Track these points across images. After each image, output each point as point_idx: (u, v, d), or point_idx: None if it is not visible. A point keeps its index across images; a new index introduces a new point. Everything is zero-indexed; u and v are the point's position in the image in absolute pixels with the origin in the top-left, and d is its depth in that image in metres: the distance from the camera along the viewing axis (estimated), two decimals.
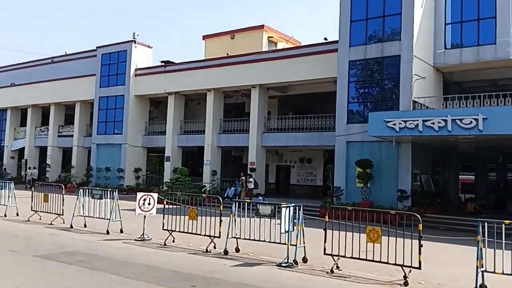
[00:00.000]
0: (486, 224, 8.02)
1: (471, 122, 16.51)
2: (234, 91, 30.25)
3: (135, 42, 33.46)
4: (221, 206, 11.24)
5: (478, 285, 7.73)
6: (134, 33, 33.45)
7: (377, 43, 21.93)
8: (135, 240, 12.40)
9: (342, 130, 22.46)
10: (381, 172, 21.08)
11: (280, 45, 33.26)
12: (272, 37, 33.30)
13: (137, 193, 13.25)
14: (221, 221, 11.03)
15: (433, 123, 17.33)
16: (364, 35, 22.31)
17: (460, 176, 27.65)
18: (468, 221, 17.01)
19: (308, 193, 29.52)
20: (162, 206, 12.36)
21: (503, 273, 7.72)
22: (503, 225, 7.89)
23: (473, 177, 29.91)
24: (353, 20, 22.62)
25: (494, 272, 7.78)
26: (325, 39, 26.71)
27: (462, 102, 19.81)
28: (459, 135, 17.29)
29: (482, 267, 7.86)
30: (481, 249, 7.85)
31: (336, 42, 23.53)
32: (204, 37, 36.32)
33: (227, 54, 30.78)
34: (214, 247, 11.07)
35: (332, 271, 9.05)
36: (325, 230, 9.39)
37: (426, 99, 20.68)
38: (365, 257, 8.95)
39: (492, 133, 16.45)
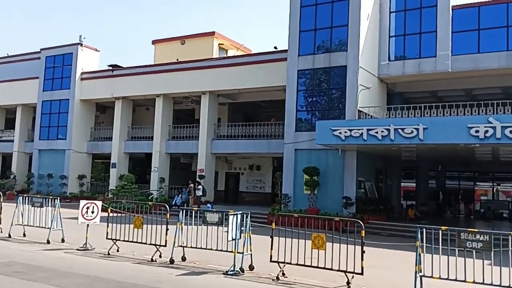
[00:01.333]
0: (424, 230, 8.36)
1: (412, 131, 17.21)
2: (184, 97, 30.02)
3: (81, 45, 32.54)
4: (168, 214, 11.07)
5: None
6: (80, 36, 32.62)
7: (325, 53, 22.44)
8: (77, 249, 11.98)
9: (291, 138, 22.77)
10: (328, 179, 21.52)
11: (230, 52, 33.37)
12: (222, 44, 33.36)
13: (80, 201, 12.82)
14: (167, 229, 10.86)
15: (376, 132, 17.93)
16: (313, 45, 22.78)
17: (402, 183, 28.70)
18: (408, 227, 17.67)
19: (257, 200, 29.66)
20: (106, 214, 12.02)
21: (440, 278, 8.06)
22: (440, 231, 8.24)
23: (414, 184, 31.15)
24: (302, 30, 23.05)
25: (431, 277, 8.11)
26: (275, 47, 27.07)
27: (404, 112, 20.60)
28: (401, 144, 17.96)
29: (421, 272, 8.17)
30: (419, 254, 8.16)
31: (285, 51, 23.88)
32: (154, 42, 35.84)
33: (177, 59, 30.54)
34: (160, 256, 10.88)
35: (278, 278, 9.13)
36: (271, 237, 9.46)
37: (370, 109, 21.36)
38: (310, 264, 9.09)
39: (432, 142, 17.21)
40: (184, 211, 11.08)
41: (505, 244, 7.84)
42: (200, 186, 25.35)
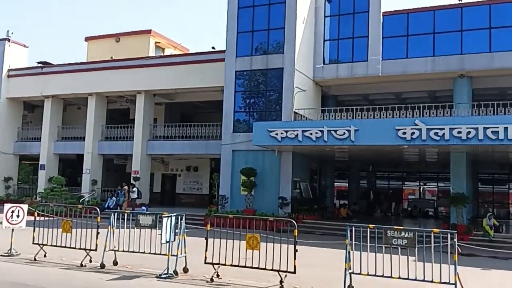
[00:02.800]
0: (353, 228, 8.65)
1: (344, 133, 17.78)
2: (119, 97, 29.19)
3: (9, 40, 30.79)
4: (99, 217, 10.70)
5: (346, 286, 8.28)
6: (8, 31, 30.77)
7: (262, 55, 22.66)
8: (1, 255, 11.29)
9: (228, 139, 22.79)
10: (265, 180, 21.73)
11: (167, 51, 32.86)
12: (159, 42, 32.78)
13: (5, 204, 12.12)
14: (98, 233, 10.50)
15: (311, 134, 18.36)
16: (250, 47, 22.94)
17: (335, 183, 29.59)
18: (340, 226, 18.19)
19: (194, 202, 29.42)
20: (33, 218, 11.43)
21: (368, 274, 8.36)
22: (368, 229, 8.57)
23: (347, 184, 32.23)
24: (239, 31, 23.15)
25: (360, 274, 8.41)
26: (213, 48, 26.99)
27: (337, 114, 21.23)
28: (334, 145, 18.50)
29: (350, 269, 8.45)
30: (349, 252, 8.43)
31: (223, 51, 23.86)
32: (87, 39, 34.61)
33: (111, 57, 29.63)
34: (90, 261, 10.50)
35: (212, 279, 9.09)
36: (206, 239, 9.40)
37: (306, 111, 21.83)
38: (244, 264, 9.13)
39: (362, 143, 17.87)
40: (116, 214, 10.76)
41: (428, 241, 8.28)
42: (134, 189, 24.73)
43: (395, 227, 8.43)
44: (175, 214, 10.02)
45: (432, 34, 21.60)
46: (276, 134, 19.02)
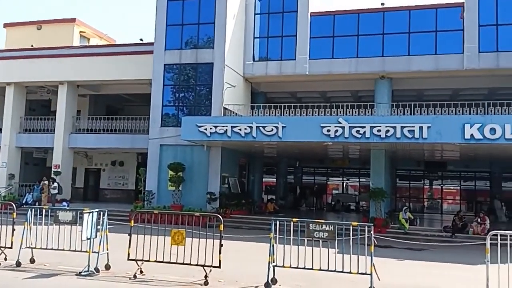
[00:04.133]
0: (278, 222, 8.85)
1: (272, 129, 18.11)
2: (39, 87, 27.70)
3: None
4: (15, 213, 10.15)
5: (269, 279, 8.46)
6: None
7: (192, 49, 22.48)
8: None
9: (156, 133, 22.39)
10: (193, 175, 21.61)
11: (93, 42, 31.60)
12: (84, 32, 31.44)
13: None
14: (13, 229, 9.95)
15: (240, 129, 18.51)
16: (180, 40, 22.67)
17: (264, 178, 30.06)
18: (267, 220, 18.48)
19: (119, 197, 28.65)
20: None
21: (290, 267, 8.60)
22: (292, 223, 8.81)
23: (275, 179, 32.86)
24: (169, 24, 22.79)
25: (283, 266, 8.63)
26: (141, 39, 26.39)
27: (266, 111, 21.58)
28: (262, 141, 18.79)
29: (274, 262, 8.64)
30: (273, 245, 8.62)
31: (152, 44, 23.37)
32: (6, 26, 32.50)
33: (32, 45, 28.03)
34: (5, 259, 9.93)
35: (135, 276, 8.92)
36: (129, 235, 9.21)
37: (235, 107, 21.95)
38: (169, 260, 9.05)
39: (289, 140, 18.30)
40: (33, 210, 10.24)
41: (348, 234, 8.66)
42: (55, 184, 23.59)
43: (317, 220, 8.73)
44: (97, 210, 9.73)
45: (356, 36, 22.51)
46: (205, 129, 18.98)
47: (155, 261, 9.03)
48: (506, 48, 20.49)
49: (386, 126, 16.98)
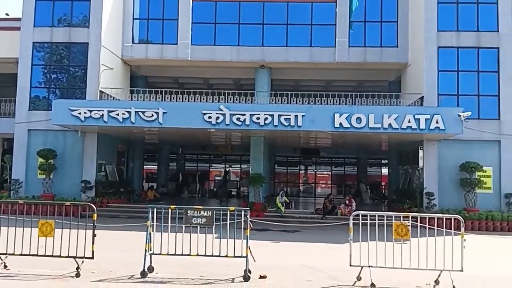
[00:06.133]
0: (155, 210, 8.72)
1: (152, 115, 17.68)
2: None
3: None
4: None
5: (145, 268, 8.32)
6: None
7: (66, 27, 21.14)
8: None
9: (23, 117, 20.65)
10: (66, 162, 20.37)
11: None
12: None
13: None
14: None
15: (118, 114, 17.78)
16: (51, 17, 21.14)
17: (145, 166, 29.36)
18: (146, 208, 18.05)
19: None
20: None
21: (168, 254, 8.53)
22: (170, 210, 8.74)
23: (156, 166, 32.27)
24: None
25: (160, 254, 8.53)
26: (7, 14, 23.94)
27: (146, 96, 21.02)
28: (142, 126, 18.27)
29: (151, 250, 8.51)
30: (150, 233, 8.47)
31: (19, 19, 21.35)
32: None
33: None
34: None
35: None
36: None
37: (113, 90, 21.06)
38: (36, 253, 8.44)
39: (170, 126, 18.04)
40: None
41: (225, 219, 8.83)
42: None
43: (195, 206, 8.77)
44: None
45: (237, 25, 22.85)
46: (79, 113, 17.89)
47: (21, 254, 8.37)
48: (372, 44, 22.35)
49: (264, 114, 17.54)
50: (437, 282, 8.00)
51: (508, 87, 19.47)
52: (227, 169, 34.55)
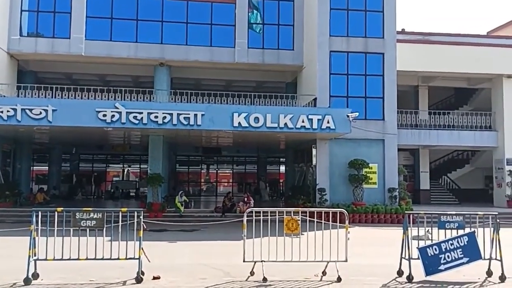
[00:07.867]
0: (40, 213, 8.22)
1: (41, 112, 16.59)
2: None
3: None
4: None
5: (29, 274, 7.83)
6: None
7: None
8: None
9: None
10: None
11: None
12: None
13: None
14: None
15: (1, 112, 16.46)
16: None
17: (34, 167, 27.47)
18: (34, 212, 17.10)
19: None
20: None
21: (54, 259, 8.08)
22: (56, 213, 8.28)
23: (47, 167, 30.34)
24: None
25: (46, 259, 8.07)
26: None
27: (35, 92, 19.70)
28: (29, 125, 17.08)
29: (35, 255, 8.02)
30: (34, 238, 7.98)
31: None
32: None
33: None
34: None
35: None
36: None
37: None
38: None
39: (61, 124, 17.05)
40: None
41: (118, 220, 8.57)
42: None
43: (84, 209, 8.41)
44: None
45: (135, 21, 22.25)
46: None
47: None
48: (270, 46, 22.98)
49: (163, 113, 17.27)
50: (324, 273, 8.51)
51: (391, 90, 21.15)
52: (125, 170, 33.54)
